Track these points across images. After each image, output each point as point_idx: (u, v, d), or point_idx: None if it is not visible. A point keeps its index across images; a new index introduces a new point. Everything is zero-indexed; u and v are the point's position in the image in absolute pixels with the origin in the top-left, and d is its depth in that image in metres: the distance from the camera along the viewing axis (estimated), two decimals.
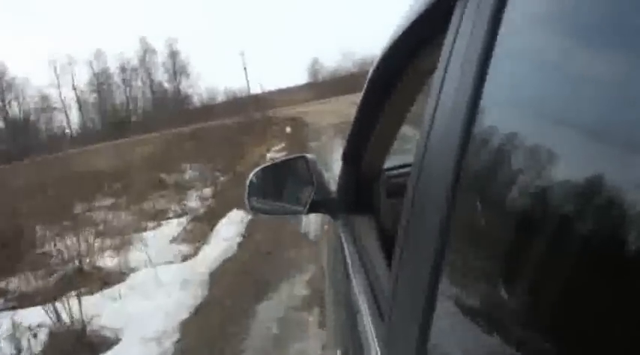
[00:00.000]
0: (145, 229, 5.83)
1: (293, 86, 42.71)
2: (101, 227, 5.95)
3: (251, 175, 1.24)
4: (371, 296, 0.78)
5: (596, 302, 0.24)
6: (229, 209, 5.74)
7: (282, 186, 1.24)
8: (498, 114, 0.35)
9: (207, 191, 7.68)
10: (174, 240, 5.17)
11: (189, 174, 10.08)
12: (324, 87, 36.46)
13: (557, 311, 0.27)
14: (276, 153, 10.59)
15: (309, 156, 1.20)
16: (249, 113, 21.42)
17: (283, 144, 12.47)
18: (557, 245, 0.27)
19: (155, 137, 22.58)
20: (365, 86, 0.98)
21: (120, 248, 4.85)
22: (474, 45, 0.38)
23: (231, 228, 5.19)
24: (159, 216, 6.46)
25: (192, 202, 7.06)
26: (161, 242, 5.10)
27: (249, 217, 5.31)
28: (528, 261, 0.30)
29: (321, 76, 42.61)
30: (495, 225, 0.34)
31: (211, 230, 5.25)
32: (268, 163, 1.29)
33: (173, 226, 5.73)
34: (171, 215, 6.54)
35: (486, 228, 0.35)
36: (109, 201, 8.54)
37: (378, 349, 0.64)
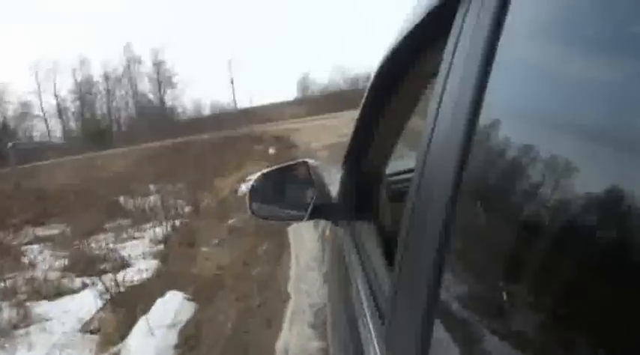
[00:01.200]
0: (62, 294, 4.50)
1: (283, 101, 41.25)
2: (13, 281, 4.79)
3: (253, 180, 1.25)
4: (372, 300, 0.78)
5: (597, 304, 0.24)
6: (170, 282, 4.05)
7: (284, 191, 1.25)
8: (500, 119, 0.36)
9: (159, 232, 6.48)
10: (80, 330, 3.65)
11: (151, 199, 8.95)
12: (315, 103, 34.71)
13: (558, 314, 0.27)
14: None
15: (310, 161, 1.21)
16: (234, 129, 20.03)
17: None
18: (559, 249, 0.27)
19: (134, 150, 21.04)
20: (366, 90, 0.98)
21: (9, 335, 3.48)
22: (476, 49, 0.38)
23: (154, 341, 2.95)
24: (90, 267, 5.18)
25: (138, 249, 5.75)
26: (66, 327, 3.61)
27: (186, 317, 3.33)
28: (529, 265, 0.30)
29: (311, 91, 41.06)
30: (497, 229, 0.34)
31: (131, 324, 3.27)
32: (270, 168, 1.30)
33: (97, 294, 4.17)
34: (107, 267, 5.20)
35: (488, 233, 0.35)
36: (53, 231, 7.53)
37: (378, 352, 0.63)
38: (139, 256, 5.66)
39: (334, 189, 1.24)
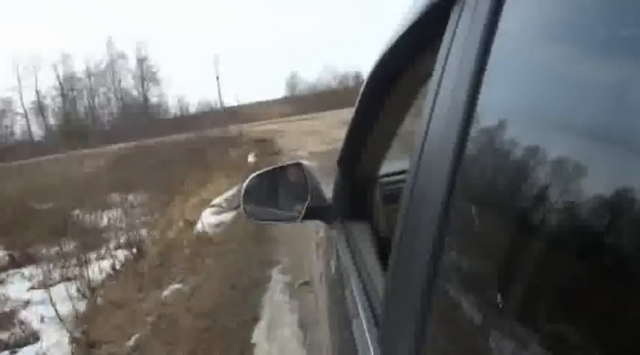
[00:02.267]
0: None
1: (270, 99, 39.49)
2: None
3: (247, 182, 1.24)
4: (366, 302, 0.79)
5: (593, 304, 0.24)
6: None
7: (278, 192, 1.25)
8: (494, 120, 0.36)
9: (102, 267, 5.17)
10: None
11: (105, 219, 7.60)
12: (304, 101, 33.76)
13: (553, 315, 0.27)
14: (213, 216, 6.03)
15: (304, 162, 1.21)
16: (215, 129, 19.04)
17: (234, 191, 6.85)
18: (553, 251, 0.27)
19: (106, 152, 19.64)
20: (361, 91, 0.98)
21: None
22: (470, 51, 0.38)
23: None
24: None
25: (58, 306, 4.08)
26: None
27: None
28: (523, 267, 0.30)
29: (299, 89, 39.67)
30: (490, 231, 0.34)
31: None
32: (264, 169, 1.29)
33: None
34: (7, 338, 3.96)
35: (481, 235, 0.35)
36: None
37: (373, 354, 0.63)
38: (53, 322, 3.99)
39: (328, 190, 1.24)
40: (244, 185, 1.23)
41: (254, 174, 1.27)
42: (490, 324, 0.33)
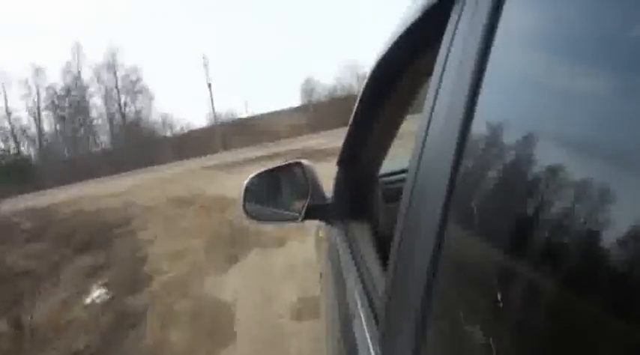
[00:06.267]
0: None
1: (285, 108, 33.99)
2: None
3: (247, 181, 1.24)
4: (366, 301, 0.79)
5: (592, 307, 0.24)
6: None
7: (278, 192, 1.25)
8: (494, 120, 0.36)
9: None
10: None
11: None
12: (321, 112, 28.61)
13: (551, 317, 0.27)
14: None
15: (304, 162, 1.21)
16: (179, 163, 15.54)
17: None
18: (553, 251, 0.27)
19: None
20: (361, 90, 0.98)
21: None
22: (471, 50, 0.38)
23: None
24: None
25: None
26: None
27: None
28: (523, 265, 0.30)
29: (317, 93, 33.67)
30: (490, 230, 0.34)
31: None
32: (264, 169, 1.29)
33: None
34: None
35: (481, 234, 0.35)
36: None
37: (373, 354, 0.63)
38: None
39: (329, 189, 1.24)
40: (245, 184, 1.23)
41: (254, 174, 1.27)
42: (490, 323, 0.33)
